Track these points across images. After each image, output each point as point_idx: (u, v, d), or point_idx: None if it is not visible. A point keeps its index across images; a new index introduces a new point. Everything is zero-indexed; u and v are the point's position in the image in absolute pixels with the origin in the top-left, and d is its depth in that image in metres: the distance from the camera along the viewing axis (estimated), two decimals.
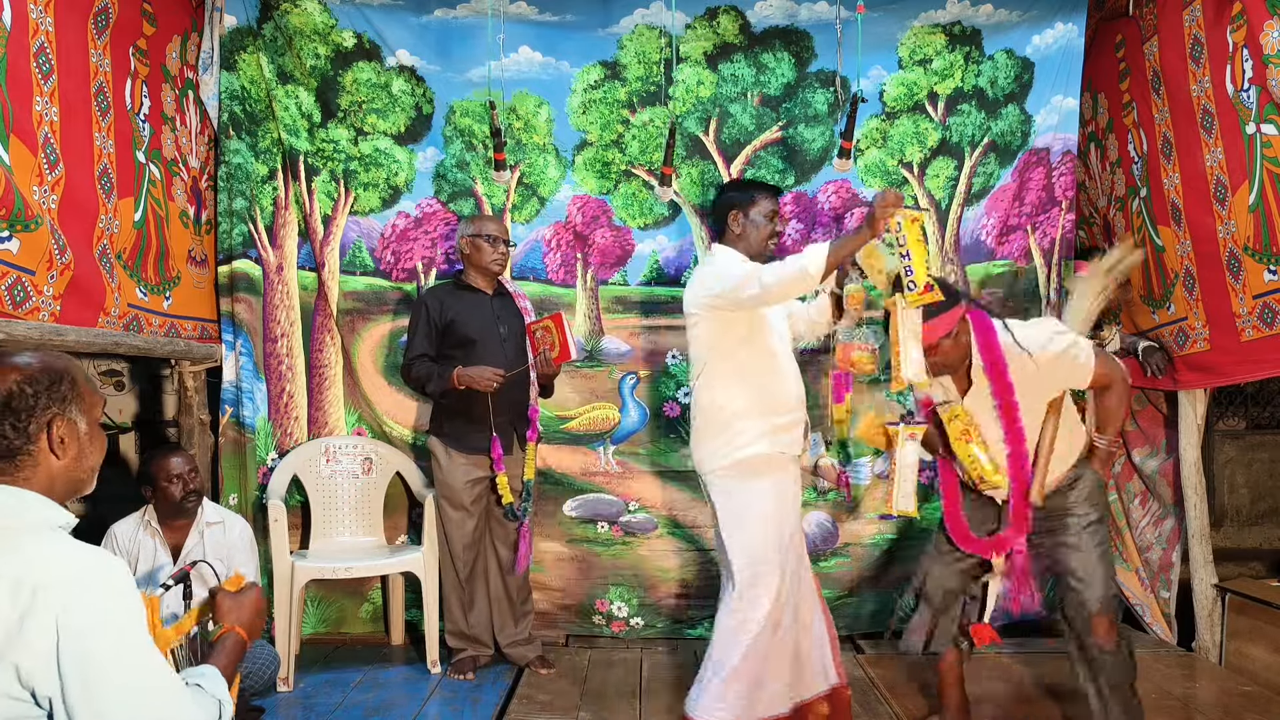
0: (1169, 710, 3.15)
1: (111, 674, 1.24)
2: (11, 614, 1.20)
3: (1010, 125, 4.02)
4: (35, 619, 1.20)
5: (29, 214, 2.43)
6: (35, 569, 1.22)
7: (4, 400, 1.30)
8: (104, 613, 1.24)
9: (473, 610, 3.53)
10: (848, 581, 4.01)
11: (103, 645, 1.23)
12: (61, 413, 1.34)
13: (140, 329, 3.14)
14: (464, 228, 3.52)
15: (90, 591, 1.24)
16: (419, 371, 3.37)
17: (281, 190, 3.89)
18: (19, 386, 1.31)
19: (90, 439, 1.40)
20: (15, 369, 1.32)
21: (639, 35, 3.90)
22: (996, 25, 3.97)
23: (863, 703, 3.22)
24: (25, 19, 2.50)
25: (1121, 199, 4.06)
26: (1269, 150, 3.03)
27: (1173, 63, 3.51)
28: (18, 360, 1.34)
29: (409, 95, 3.91)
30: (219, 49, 3.75)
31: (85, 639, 1.22)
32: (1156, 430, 4.19)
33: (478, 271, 3.48)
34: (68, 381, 1.36)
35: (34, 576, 1.21)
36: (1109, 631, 2.55)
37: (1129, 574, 4.22)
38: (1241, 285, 3.30)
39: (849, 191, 4.03)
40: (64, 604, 1.21)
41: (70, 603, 1.21)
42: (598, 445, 4.01)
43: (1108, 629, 2.54)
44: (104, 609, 1.25)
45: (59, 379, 1.35)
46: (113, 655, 1.24)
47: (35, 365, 1.34)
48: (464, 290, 3.49)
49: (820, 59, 3.96)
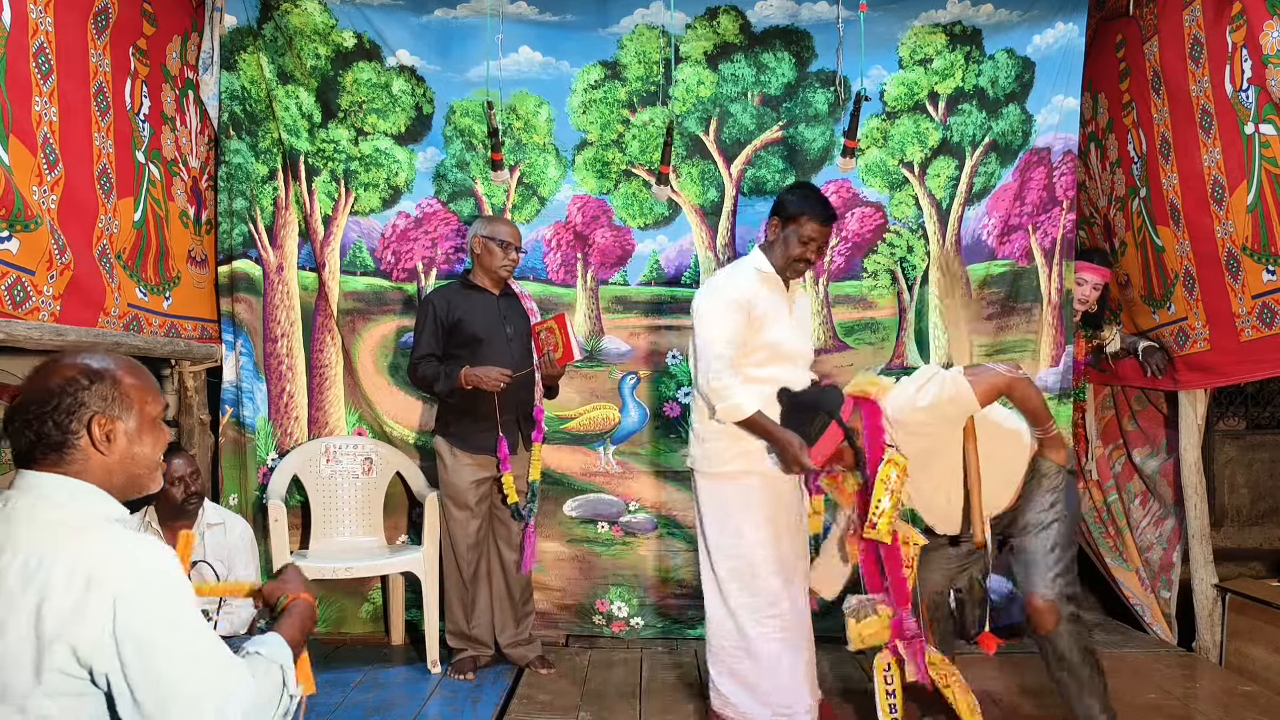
0: (1169, 710, 3.15)
1: (167, 649, 1.32)
2: (66, 599, 1.28)
3: (1011, 125, 4.02)
4: (92, 603, 1.28)
5: (29, 214, 2.43)
6: (88, 557, 1.31)
7: (47, 400, 1.40)
8: (157, 593, 1.33)
9: (474, 610, 3.53)
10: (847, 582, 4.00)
11: (157, 624, 1.32)
12: (102, 411, 1.42)
13: (140, 329, 3.14)
14: (478, 226, 3.48)
15: (142, 575, 1.33)
16: (425, 371, 3.37)
17: (282, 190, 3.89)
18: (60, 387, 1.41)
19: (140, 434, 1.47)
20: (58, 372, 1.43)
21: (639, 35, 3.90)
22: (997, 25, 3.97)
23: (863, 703, 3.22)
24: (25, 19, 2.50)
25: (1122, 199, 4.06)
26: (1268, 150, 3.03)
27: (1172, 63, 3.51)
28: (62, 362, 1.45)
29: (409, 95, 3.91)
30: (219, 49, 3.75)
31: (140, 619, 1.30)
32: (1157, 430, 4.19)
33: (485, 273, 3.47)
34: (108, 382, 1.44)
35: (87, 564, 1.30)
36: (1046, 614, 2.54)
37: (1129, 574, 4.22)
38: (1241, 285, 3.30)
39: (849, 191, 4.03)
40: (119, 589, 1.29)
41: (124, 588, 1.30)
42: (598, 445, 4.01)
43: (1044, 612, 2.54)
44: (156, 590, 1.34)
45: (99, 380, 1.43)
46: (167, 631, 1.33)
47: (77, 368, 1.43)
48: (471, 290, 3.48)
49: (820, 59, 3.96)
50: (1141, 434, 4.26)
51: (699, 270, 4.00)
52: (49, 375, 1.43)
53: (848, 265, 4.04)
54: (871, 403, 2.57)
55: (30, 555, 1.31)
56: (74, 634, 1.28)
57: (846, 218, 4.02)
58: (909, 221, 4.04)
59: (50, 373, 1.43)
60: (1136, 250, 3.98)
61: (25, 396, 1.42)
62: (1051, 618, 2.55)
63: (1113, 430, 4.42)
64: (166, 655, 1.32)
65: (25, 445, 1.41)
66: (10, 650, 1.28)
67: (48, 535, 1.33)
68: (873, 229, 4.03)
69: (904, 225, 4.04)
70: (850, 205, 4.02)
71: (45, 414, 1.40)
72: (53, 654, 1.28)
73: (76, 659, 1.29)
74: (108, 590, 1.29)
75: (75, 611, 1.28)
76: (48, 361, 1.47)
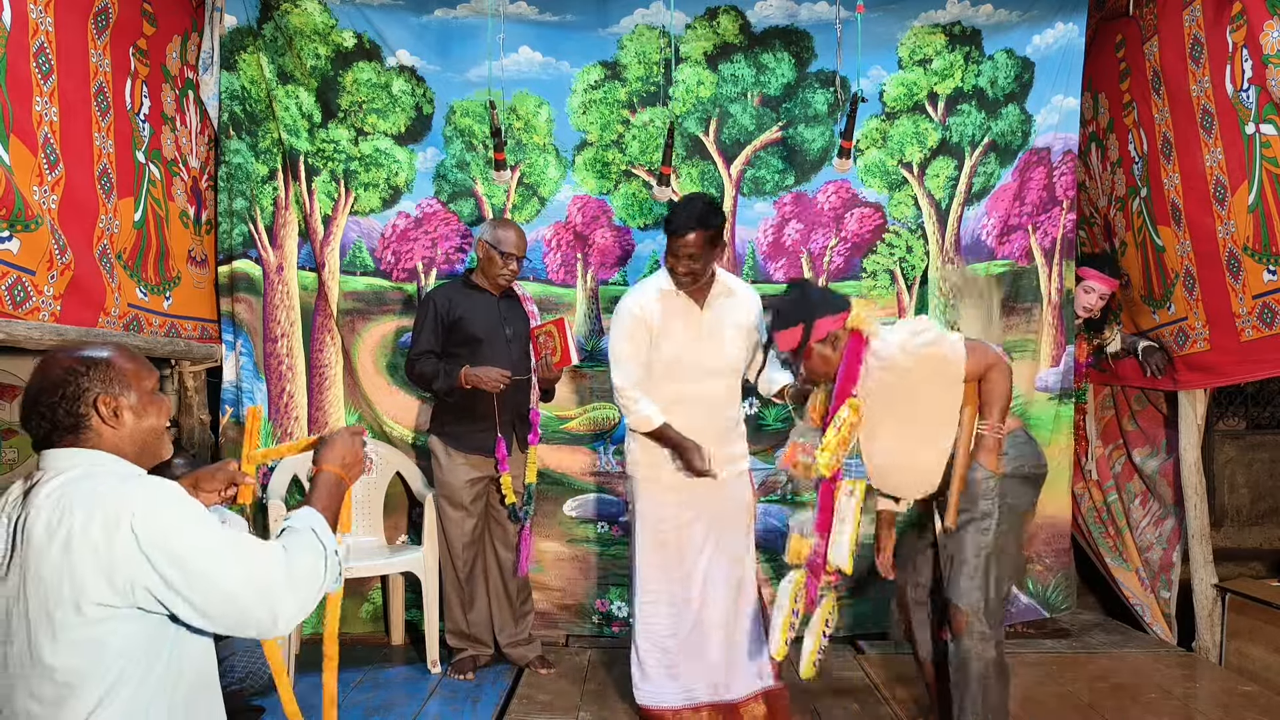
0: (1169, 710, 3.15)
1: (194, 549, 1.48)
2: (88, 537, 1.44)
3: (1010, 125, 4.02)
4: (116, 535, 1.44)
5: (29, 214, 2.43)
6: (102, 498, 1.47)
7: (54, 390, 1.56)
8: (166, 509, 1.50)
9: (473, 610, 3.53)
10: (848, 582, 4.00)
11: (176, 533, 1.48)
12: (105, 391, 1.58)
13: (140, 329, 3.14)
14: (485, 229, 3.45)
15: (151, 498, 1.49)
16: (424, 368, 3.36)
17: (281, 190, 3.89)
18: (64, 376, 1.57)
19: (144, 406, 1.64)
20: (60, 363, 1.59)
21: (639, 35, 3.90)
22: (996, 25, 3.97)
23: (863, 703, 3.23)
24: (25, 19, 2.50)
25: (1122, 199, 4.06)
26: (1268, 150, 3.03)
27: (1173, 63, 3.51)
28: (60, 356, 1.61)
29: (409, 95, 3.91)
30: (219, 49, 3.75)
31: (160, 533, 1.46)
32: (1157, 430, 4.19)
33: (485, 276, 3.47)
34: (105, 366, 1.60)
35: (103, 504, 1.46)
36: (955, 618, 2.54)
37: (1129, 574, 4.22)
38: (1241, 285, 3.30)
39: (849, 191, 4.03)
40: (134, 513, 1.45)
41: (138, 510, 1.46)
42: (598, 445, 4.01)
43: (959, 619, 2.53)
44: (165, 507, 1.50)
45: (97, 365, 1.59)
46: (189, 536, 1.49)
47: (74, 359, 1.59)
48: (472, 289, 3.48)
49: (820, 59, 3.96)
50: (1141, 434, 4.26)
51: None
52: (51, 368, 1.58)
53: (847, 265, 4.04)
54: (859, 336, 2.57)
55: (53, 511, 1.46)
56: (106, 564, 1.43)
57: (846, 218, 4.02)
58: (908, 222, 4.04)
59: (52, 366, 1.59)
60: (1137, 250, 3.98)
61: (33, 391, 1.58)
62: (960, 622, 2.53)
63: (1113, 430, 4.42)
64: (196, 554, 1.48)
65: (43, 432, 1.57)
66: (49, 594, 1.43)
67: (66, 490, 1.49)
68: (872, 229, 4.03)
69: (903, 225, 4.04)
70: (849, 205, 4.02)
71: (55, 403, 1.55)
72: (89, 589, 1.44)
73: (114, 588, 1.44)
74: (125, 519, 1.44)
75: (103, 544, 1.43)
76: (46, 358, 1.62)
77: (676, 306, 2.97)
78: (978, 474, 2.55)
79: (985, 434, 2.56)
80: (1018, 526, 2.62)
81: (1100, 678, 3.46)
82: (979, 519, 2.54)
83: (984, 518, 2.54)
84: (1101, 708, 3.15)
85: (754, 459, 3.97)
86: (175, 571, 1.46)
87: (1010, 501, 2.57)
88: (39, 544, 1.45)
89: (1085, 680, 3.43)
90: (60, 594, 1.44)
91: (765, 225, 4.03)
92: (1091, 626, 4.18)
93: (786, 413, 3.99)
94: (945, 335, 2.54)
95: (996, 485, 2.55)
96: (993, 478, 2.54)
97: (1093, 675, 3.49)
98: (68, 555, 1.44)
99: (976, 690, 2.52)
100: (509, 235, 3.41)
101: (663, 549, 3.00)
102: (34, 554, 1.45)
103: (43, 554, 1.45)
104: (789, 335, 2.61)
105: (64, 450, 1.56)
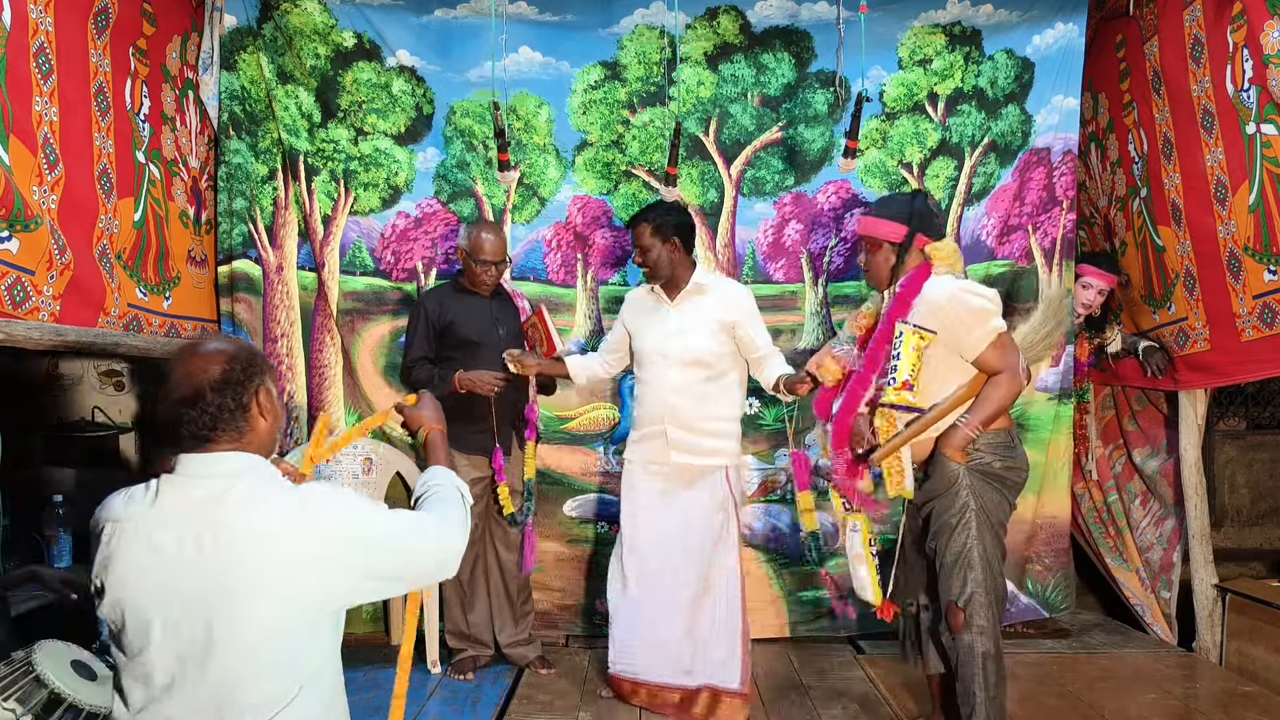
0: (1169, 711, 3.15)
1: (378, 534, 1.58)
2: (285, 547, 1.48)
3: (1010, 125, 4.01)
4: (309, 539, 1.50)
5: (29, 214, 2.43)
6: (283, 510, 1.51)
7: (222, 380, 1.55)
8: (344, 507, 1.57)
9: (473, 610, 3.53)
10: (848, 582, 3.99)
11: (361, 525, 1.57)
12: (262, 382, 1.60)
13: (140, 329, 3.14)
14: (462, 237, 3.42)
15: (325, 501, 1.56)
16: (419, 375, 3.37)
17: (281, 190, 3.89)
18: (229, 365, 1.56)
19: (281, 404, 1.70)
20: (220, 354, 1.58)
21: (639, 35, 3.90)
22: (997, 25, 3.97)
23: (863, 703, 3.23)
24: (25, 19, 2.50)
25: (1122, 199, 4.06)
26: (1269, 150, 3.03)
27: (1173, 63, 3.51)
28: (219, 346, 1.61)
29: (409, 95, 3.91)
30: (219, 49, 3.75)
31: (347, 529, 1.54)
32: (1157, 430, 4.19)
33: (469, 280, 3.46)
34: (259, 356, 1.64)
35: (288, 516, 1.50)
36: (953, 615, 2.58)
37: (1129, 574, 4.22)
38: (1241, 285, 3.30)
39: (849, 192, 4.03)
40: (318, 520, 1.52)
41: (321, 516, 1.53)
42: (598, 445, 4.01)
43: (956, 616, 2.57)
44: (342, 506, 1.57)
45: (252, 355, 1.62)
46: (370, 524, 1.58)
47: (233, 348, 1.61)
48: (462, 292, 3.48)
49: (820, 59, 3.95)
50: (1142, 434, 4.26)
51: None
52: (207, 364, 1.56)
53: (847, 266, 4.04)
54: (928, 267, 2.67)
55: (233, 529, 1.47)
56: (314, 566, 1.50)
57: (846, 218, 4.02)
58: None
59: (209, 361, 1.57)
60: (1137, 250, 3.98)
61: (192, 388, 1.54)
62: (957, 619, 2.57)
63: (1113, 430, 4.42)
64: (383, 536, 1.58)
65: (203, 429, 1.54)
66: (256, 599, 1.46)
67: (240, 506, 1.49)
68: None
69: None
70: (850, 206, 4.02)
71: (223, 398, 1.54)
72: (303, 591, 1.50)
73: (325, 588, 1.52)
74: (311, 526, 1.51)
75: (301, 552, 1.49)
76: (194, 355, 1.58)
77: (650, 303, 3.26)
78: (942, 463, 2.60)
79: (960, 428, 2.58)
80: (995, 521, 2.62)
81: (1100, 678, 3.46)
82: (957, 513, 2.58)
83: (963, 511, 2.58)
84: (1101, 708, 3.15)
85: (754, 459, 4.01)
86: (371, 557, 1.56)
87: (983, 498, 2.59)
88: (239, 552, 1.46)
89: (1085, 680, 3.43)
90: (273, 597, 1.47)
91: (765, 225, 4.03)
92: (1091, 626, 4.18)
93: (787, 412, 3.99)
94: (995, 315, 2.57)
95: (965, 478, 2.58)
96: (960, 468, 2.58)
97: (1093, 675, 3.49)
98: (278, 561, 1.48)
99: (980, 679, 2.54)
100: (483, 242, 3.36)
101: (632, 522, 3.22)
102: (234, 561, 1.46)
103: (244, 561, 1.46)
104: (887, 226, 2.70)
105: (226, 454, 1.55)
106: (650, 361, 3.20)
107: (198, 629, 1.45)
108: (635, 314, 3.31)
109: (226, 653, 1.45)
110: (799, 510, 3.19)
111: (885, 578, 2.80)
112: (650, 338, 3.21)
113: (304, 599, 1.50)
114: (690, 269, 3.20)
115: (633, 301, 3.36)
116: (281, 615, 1.48)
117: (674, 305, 3.20)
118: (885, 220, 2.72)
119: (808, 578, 4.00)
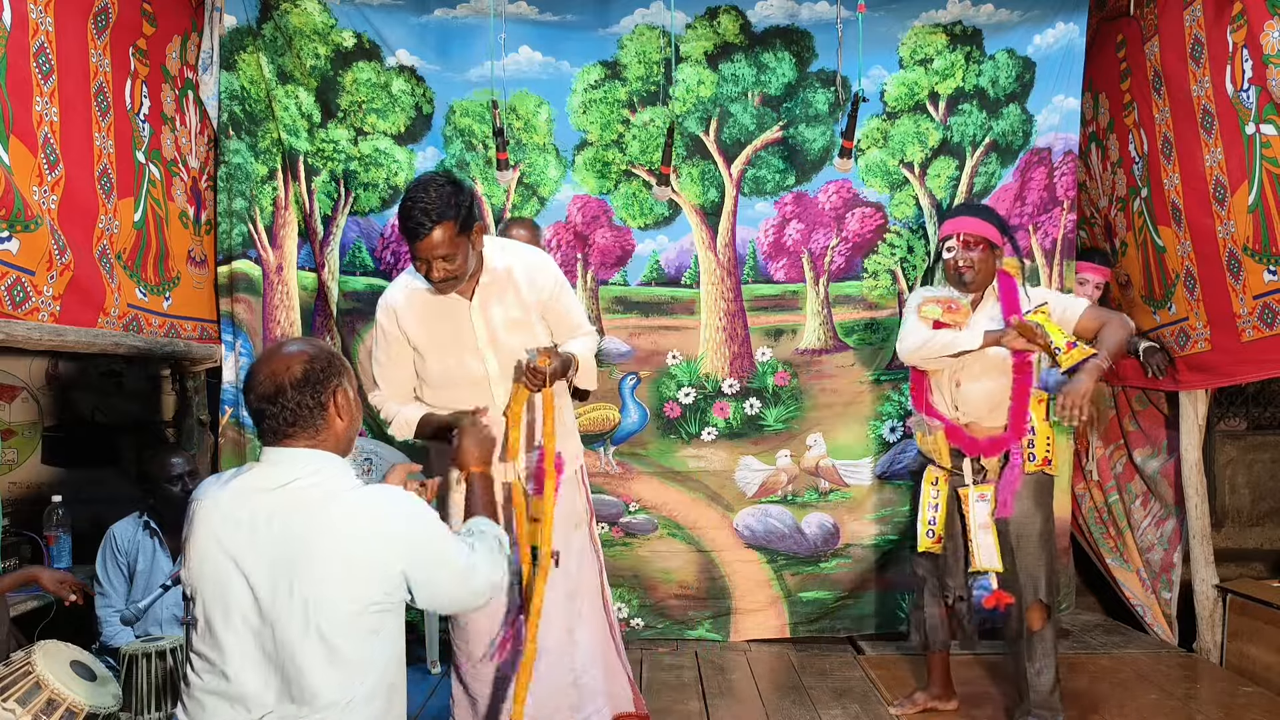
0: (1169, 710, 3.15)
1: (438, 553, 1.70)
2: (358, 545, 1.59)
3: (1011, 125, 4.01)
4: (379, 540, 1.61)
5: (29, 214, 2.43)
6: (364, 512, 1.63)
7: (303, 378, 1.63)
8: (415, 518, 1.70)
9: None
10: (848, 582, 4.00)
11: (421, 544, 1.68)
12: (340, 383, 1.68)
13: (140, 329, 3.14)
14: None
15: (400, 508, 1.68)
16: None
17: (281, 190, 3.89)
18: (310, 364, 1.65)
19: (357, 404, 1.74)
20: (302, 354, 1.66)
21: (639, 35, 3.90)
22: (997, 25, 3.96)
23: (863, 703, 3.22)
24: (25, 19, 2.50)
25: (1123, 199, 4.06)
26: (1269, 150, 3.03)
27: (1173, 63, 3.51)
28: (300, 346, 1.69)
29: (409, 95, 3.91)
30: (219, 49, 3.75)
31: (412, 536, 1.66)
32: (1158, 431, 4.18)
33: None
34: (338, 357, 1.71)
35: (361, 521, 1.61)
36: (1038, 614, 2.84)
37: (1130, 574, 4.22)
38: (1241, 286, 3.30)
39: (849, 191, 4.02)
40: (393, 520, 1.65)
41: (394, 528, 1.64)
42: (598, 445, 4.01)
43: (1038, 613, 2.84)
44: (414, 516, 1.70)
45: (332, 355, 1.70)
46: (431, 542, 1.70)
47: (313, 348, 1.69)
48: None
49: (821, 59, 3.95)
50: (1142, 434, 4.26)
51: (699, 271, 4.00)
52: (291, 363, 1.65)
53: (848, 265, 4.04)
54: (1010, 276, 2.96)
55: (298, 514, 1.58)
56: (382, 562, 1.61)
57: (847, 218, 4.02)
58: (909, 222, 4.04)
59: (291, 361, 1.65)
60: (1137, 250, 3.97)
61: (275, 384, 1.63)
62: (1038, 615, 2.83)
63: (1114, 430, 4.41)
64: (433, 564, 1.69)
65: (283, 424, 1.63)
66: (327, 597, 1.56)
67: (307, 494, 1.61)
68: (873, 229, 4.03)
69: (904, 225, 4.03)
70: (850, 205, 4.02)
71: (302, 396, 1.63)
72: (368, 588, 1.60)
73: (386, 588, 1.61)
74: (386, 526, 1.63)
75: (374, 551, 1.60)
76: (278, 355, 1.68)
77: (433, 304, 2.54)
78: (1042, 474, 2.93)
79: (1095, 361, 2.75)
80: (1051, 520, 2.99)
81: (1100, 678, 3.46)
82: (1045, 519, 2.89)
83: (1047, 519, 2.91)
84: (1102, 708, 3.14)
85: (754, 459, 4.01)
86: (429, 573, 1.67)
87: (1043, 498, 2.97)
88: (302, 536, 1.56)
89: (1085, 680, 3.42)
90: (329, 580, 1.56)
91: (766, 225, 4.03)
92: (1091, 626, 4.17)
93: (787, 413, 4.00)
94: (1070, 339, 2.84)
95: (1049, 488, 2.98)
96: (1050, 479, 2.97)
97: (1093, 675, 3.48)
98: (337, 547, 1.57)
99: (1053, 658, 2.85)
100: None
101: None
102: (296, 542, 1.56)
103: (307, 544, 1.56)
104: (993, 231, 2.86)
105: (301, 450, 1.65)
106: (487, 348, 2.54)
107: (265, 601, 1.56)
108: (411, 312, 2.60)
109: (287, 630, 1.56)
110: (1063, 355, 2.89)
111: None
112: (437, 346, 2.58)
113: (361, 588, 1.59)
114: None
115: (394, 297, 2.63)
116: (340, 598, 1.56)
117: (472, 300, 2.53)
118: (990, 225, 2.88)
119: (808, 578, 4.00)
